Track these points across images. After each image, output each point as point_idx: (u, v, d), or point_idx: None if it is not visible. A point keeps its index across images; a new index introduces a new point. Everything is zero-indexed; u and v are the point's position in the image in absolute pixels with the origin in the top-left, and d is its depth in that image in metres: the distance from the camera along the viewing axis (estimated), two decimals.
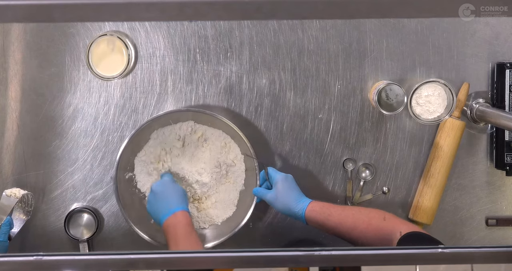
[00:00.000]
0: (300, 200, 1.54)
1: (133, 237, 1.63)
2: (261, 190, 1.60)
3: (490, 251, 1.00)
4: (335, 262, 1.28)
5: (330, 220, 1.49)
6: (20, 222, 1.62)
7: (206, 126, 1.65)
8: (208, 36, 1.66)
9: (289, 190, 1.55)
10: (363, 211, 1.50)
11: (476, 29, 1.68)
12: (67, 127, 1.67)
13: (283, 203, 1.54)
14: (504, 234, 1.72)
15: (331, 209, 1.50)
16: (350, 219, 1.47)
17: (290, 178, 1.58)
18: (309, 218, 1.51)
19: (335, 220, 1.48)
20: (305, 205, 1.52)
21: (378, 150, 1.69)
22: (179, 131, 1.65)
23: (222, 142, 1.65)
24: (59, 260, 0.99)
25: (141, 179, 1.65)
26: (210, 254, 1.04)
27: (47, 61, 1.65)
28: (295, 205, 1.53)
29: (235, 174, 1.66)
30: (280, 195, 1.55)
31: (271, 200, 1.57)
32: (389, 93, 1.62)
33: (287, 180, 1.57)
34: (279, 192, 1.55)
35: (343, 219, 1.48)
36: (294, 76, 1.67)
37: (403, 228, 1.40)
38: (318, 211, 1.50)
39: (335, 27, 1.67)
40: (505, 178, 1.70)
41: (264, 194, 1.59)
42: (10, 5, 0.82)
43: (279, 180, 1.57)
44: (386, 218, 1.46)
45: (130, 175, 1.65)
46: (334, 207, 1.51)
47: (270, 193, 1.57)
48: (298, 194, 1.55)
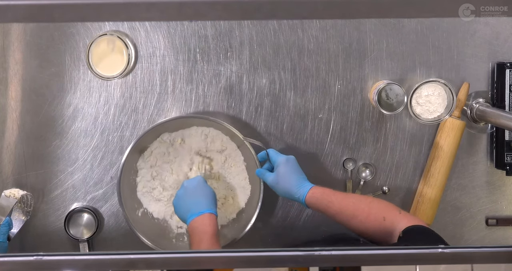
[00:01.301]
0: (302, 185, 1.51)
1: (133, 237, 1.62)
2: (263, 172, 1.57)
3: (490, 251, 1.00)
4: (335, 262, 1.28)
5: (330, 208, 1.47)
6: (19, 223, 1.62)
7: (210, 129, 1.66)
8: (208, 36, 1.66)
9: (291, 173, 1.53)
10: (364, 200, 1.49)
11: (476, 29, 1.68)
12: (67, 127, 1.67)
13: (284, 187, 1.52)
14: (504, 234, 1.72)
15: (332, 197, 1.48)
16: (350, 207, 1.46)
17: (292, 160, 1.55)
18: (309, 203, 1.49)
19: (335, 208, 1.47)
20: (306, 190, 1.50)
21: (378, 149, 1.69)
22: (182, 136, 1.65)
23: (223, 145, 1.66)
24: (59, 260, 0.99)
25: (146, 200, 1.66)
26: (210, 254, 1.04)
27: (47, 61, 1.65)
28: (296, 190, 1.51)
29: (235, 159, 1.67)
30: (281, 179, 1.52)
31: (272, 184, 1.54)
32: (389, 93, 1.62)
33: (288, 162, 1.54)
34: (280, 176, 1.53)
35: (343, 207, 1.46)
36: (294, 76, 1.67)
37: (403, 221, 1.39)
38: (318, 197, 1.48)
39: (335, 27, 1.67)
40: (505, 178, 1.70)
41: (266, 177, 1.56)
42: (10, 5, 0.82)
43: (280, 163, 1.54)
44: (387, 208, 1.44)
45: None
46: (335, 194, 1.49)
47: (271, 176, 1.54)
48: (299, 177, 1.53)
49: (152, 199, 1.66)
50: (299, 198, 1.50)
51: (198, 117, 1.64)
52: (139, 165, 1.65)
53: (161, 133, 1.64)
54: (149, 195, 1.66)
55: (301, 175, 1.54)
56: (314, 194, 1.49)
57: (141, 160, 1.65)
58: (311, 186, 1.51)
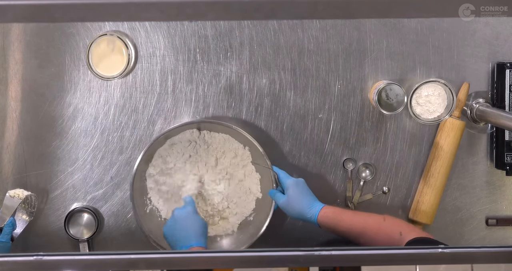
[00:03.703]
0: (313, 205, 1.54)
1: (133, 237, 1.63)
2: (276, 193, 1.59)
3: (490, 251, 1.00)
4: (335, 262, 1.28)
5: (340, 226, 1.50)
6: (23, 223, 1.62)
7: (212, 133, 1.66)
8: (208, 36, 1.66)
9: (301, 195, 1.55)
10: (372, 216, 1.51)
11: (476, 29, 1.68)
12: (67, 127, 1.67)
13: (294, 209, 1.55)
14: (504, 234, 1.72)
15: (342, 215, 1.51)
16: (360, 224, 1.49)
17: (301, 183, 1.57)
18: (321, 223, 1.52)
19: (345, 225, 1.49)
20: (317, 210, 1.52)
21: (378, 149, 1.69)
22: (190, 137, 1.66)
23: (234, 151, 1.66)
24: (59, 260, 0.99)
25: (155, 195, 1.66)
26: (210, 254, 1.04)
27: (47, 61, 1.65)
28: (308, 211, 1.53)
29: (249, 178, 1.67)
30: (292, 201, 1.55)
31: (283, 206, 1.57)
32: (389, 93, 1.62)
33: (298, 185, 1.56)
34: (291, 198, 1.55)
35: (354, 224, 1.49)
36: (294, 76, 1.67)
37: (410, 234, 1.40)
38: (330, 216, 1.51)
39: (335, 27, 1.66)
40: (505, 178, 1.70)
41: (277, 198, 1.58)
42: (10, 5, 0.82)
43: (290, 186, 1.56)
44: (392, 223, 1.46)
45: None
46: (345, 212, 1.53)
47: (282, 198, 1.57)
48: (310, 199, 1.55)
49: (161, 198, 1.66)
50: (311, 218, 1.52)
51: (227, 126, 1.63)
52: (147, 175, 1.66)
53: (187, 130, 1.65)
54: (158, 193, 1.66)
55: (311, 196, 1.56)
56: (325, 214, 1.51)
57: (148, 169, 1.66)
58: (322, 206, 1.53)
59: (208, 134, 1.65)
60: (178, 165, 1.65)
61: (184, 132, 1.64)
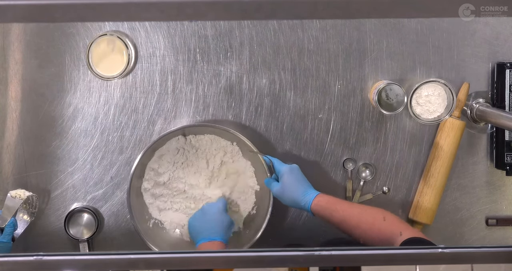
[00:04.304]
0: (307, 193, 1.51)
1: (133, 237, 1.63)
2: (271, 181, 1.58)
3: (490, 251, 1.00)
4: (335, 262, 1.28)
5: (334, 216, 1.47)
6: (24, 224, 1.62)
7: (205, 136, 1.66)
8: (208, 36, 1.66)
9: (295, 182, 1.53)
10: (368, 210, 1.49)
11: (476, 29, 1.68)
12: (67, 127, 1.67)
13: (289, 196, 1.52)
14: (504, 234, 1.72)
15: (336, 205, 1.48)
16: (354, 217, 1.46)
17: (295, 169, 1.55)
18: (315, 211, 1.50)
19: (339, 217, 1.47)
20: (311, 198, 1.50)
21: (378, 150, 1.69)
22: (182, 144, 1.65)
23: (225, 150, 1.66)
24: (59, 260, 0.99)
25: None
26: (210, 254, 1.04)
27: (47, 61, 1.65)
28: (301, 199, 1.51)
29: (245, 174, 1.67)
30: (286, 189, 1.53)
31: (277, 194, 1.55)
32: (389, 93, 1.62)
33: (292, 172, 1.54)
34: (285, 186, 1.53)
35: (347, 216, 1.47)
36: (294, 76, 1.67)
37: (405, 233, 1.40)
38: (323, 206, 1.49)
39: (335, 27, 1.67)
40: (505, 178, 1.70)
41: (272, 187, 1.56)
42: (10, 5, 0.83)
43: (284, 173, 1.54)
44: (388, 220, 1.45)
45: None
46: (340, 203, 1.50)
47: (276, 186, 1.55)
48: (304, 186, 1.53)
49: (164, 209, 1.66)
50: (305, 206, 1.51)
51: (211, 126, 1.63)
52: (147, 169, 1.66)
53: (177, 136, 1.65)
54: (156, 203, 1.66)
55: (305, 183, 1.54)
56: (319, 202, 1.49)
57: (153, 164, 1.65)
58: (317, 194, 1.51)
59: (194, 138, 1.65)
60: (171, 174, 1.65)
61: (170, 141, 1.64)
